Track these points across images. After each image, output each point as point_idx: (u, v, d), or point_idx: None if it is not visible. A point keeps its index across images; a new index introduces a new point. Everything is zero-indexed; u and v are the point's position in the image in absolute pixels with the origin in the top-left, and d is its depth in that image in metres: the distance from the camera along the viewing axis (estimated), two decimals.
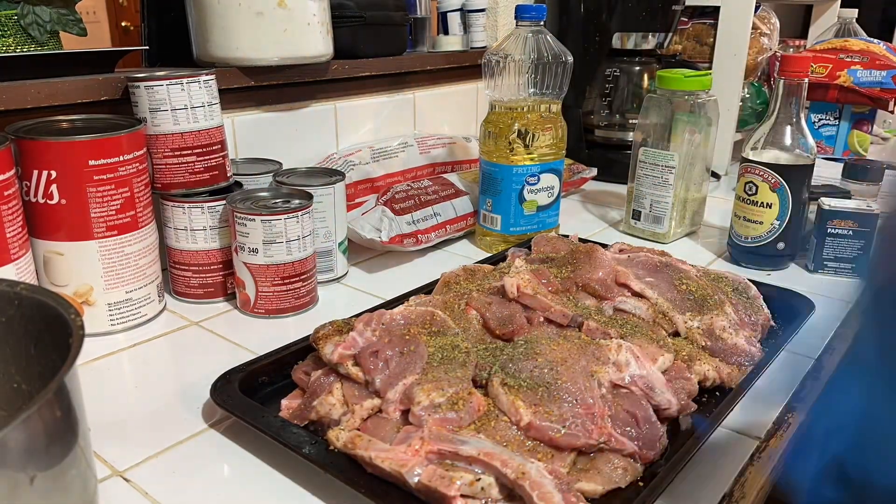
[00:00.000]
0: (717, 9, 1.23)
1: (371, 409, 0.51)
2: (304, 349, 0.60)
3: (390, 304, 0.69)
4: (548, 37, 0.88)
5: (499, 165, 0.90)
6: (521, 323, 0.60)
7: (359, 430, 0.49)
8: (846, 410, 0.28)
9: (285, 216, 0.70)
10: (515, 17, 0.88)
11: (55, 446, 0.34)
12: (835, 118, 1.46)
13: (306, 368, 0.57)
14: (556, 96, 0.90)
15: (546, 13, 0.88)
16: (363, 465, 0.45)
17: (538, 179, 0.90)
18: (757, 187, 0.85)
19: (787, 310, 0.71)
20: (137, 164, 0.67)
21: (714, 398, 0.57)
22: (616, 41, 1.21)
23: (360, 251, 0.87)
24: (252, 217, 0.70)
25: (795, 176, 0.83)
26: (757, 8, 1.39)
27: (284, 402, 0.55)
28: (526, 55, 0.86)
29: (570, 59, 0.88)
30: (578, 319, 0.60)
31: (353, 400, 0.51)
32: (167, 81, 0.70)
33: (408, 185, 0.93)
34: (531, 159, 0.89)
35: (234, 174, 0.80)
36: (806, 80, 0.81)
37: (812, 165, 0.84)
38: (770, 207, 0.84)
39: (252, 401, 0.53)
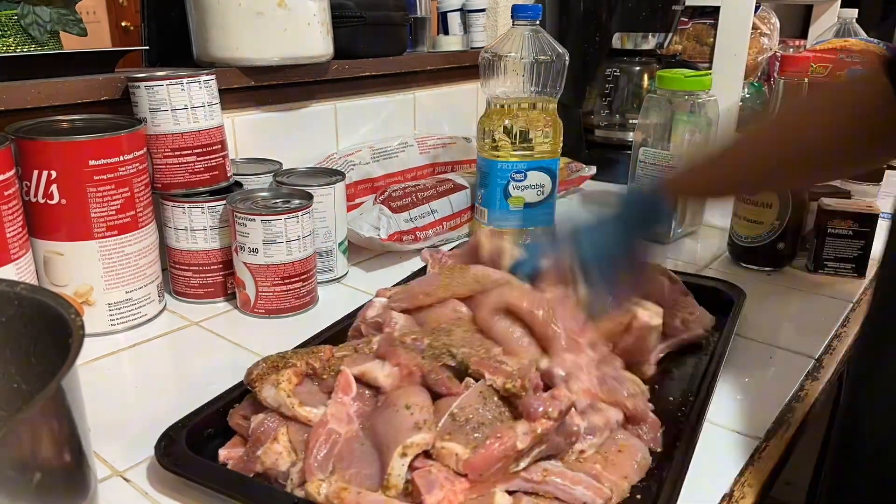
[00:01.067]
0: (717, 9, 1.23)
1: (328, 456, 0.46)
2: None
3: None
4: (544, 36, 0.88)
5: (486, 160, 0.91)
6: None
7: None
8: None
9: (285, 216, 0.70)
10: (512, 16, 0.88)
11: (55, 446, 0.34)
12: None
13: (244, 412, 0.51)
14: (551, 95, 0.90)
15: (542, 12, 0.89)
16: None
17: (525, 176, 0.90)
18: None
19: (721, 300, 0.72)
20: (137, 164, 0.67)
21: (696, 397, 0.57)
22: (616, 41, 1.21)
23: (359, 251, 0.87)
24: (252, 217, 0.70)
25: None
26: (757, 8, 1.39)
27: (223, 453, 0.49)
28: (521, 54, 0.87)
29: (567, 58, 0.88)
30: None
31: (302, 447, 0.46)
32: (167, 81, 0.70)
33: (405, 185, 0.93)
34: (520, 156, 0.89)
35: (234, 174, 0.80)
36: (806, 80, 0.81)
37: None
38: (770, 207, 0.84)
39: (206, 460, 0.48)
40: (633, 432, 0.52)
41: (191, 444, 0.48)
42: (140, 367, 0.65)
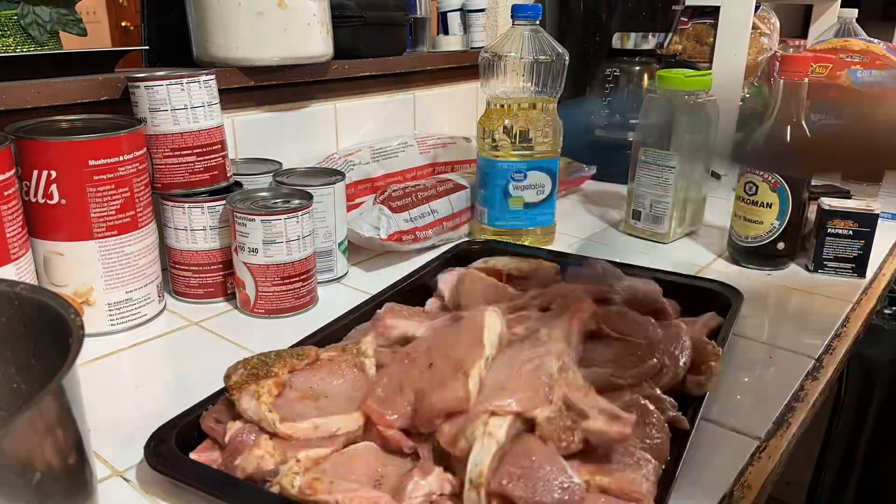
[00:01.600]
0: (717, 9, 1.23)
1: (317, 459, 0.46)
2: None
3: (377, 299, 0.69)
4: (544, 36, 0.88)
5: (486, 160, 0.91)
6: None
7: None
8: None
9: (285, 216, 0.70)
10: (511, 16, 0.88)
11: (55, 446, 0.34)
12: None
13: (218, 416, 0.50)
14: (551, 95, 0.90)
15: (542, 12, 0.89)
16: None
17: (525, 176, 0.90)
18: (757, 187, 0.85)
19: (718, 301, 0.70)
20: (137, 164, 0.67)
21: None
22: (616, 41, 1.21)
23: (359, 251, 0.88)
24: (252, 217, 0.70)
25: (796, 176, 0.83)
26: (757, 8, 1.39)
27: (193, 456, 0.48)
28: (521, 54, 0.87)
29: (567, 58, 0.89)
30: None
31: (292, 451, 0.45)
32: (167, 81, 0.70)
33: (405, 185, 0.93)
34: (520, 156, 0.90)
35: (234, 174, 0.80)
36: (806, 80, 0.81)
37: None
38: (770, 207, 0.84)
39: (195, 461, 0.48)
40: None
41: (180, 445, 0.48)
42: (140, 367, 0.65)
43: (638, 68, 1.24)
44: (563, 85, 0.90)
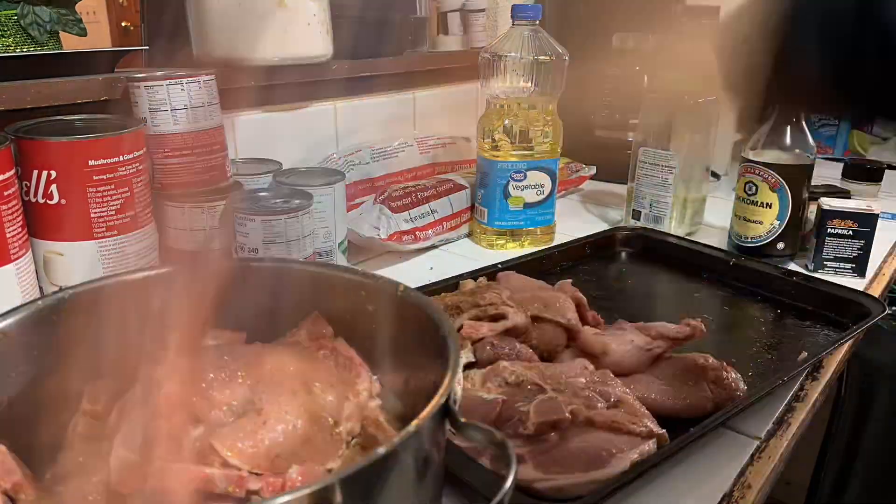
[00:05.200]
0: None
1: None
2: None
3: None
4: (544, 35, 0.88)
5: (486, 160, 0.91)
6: None
7: None
8: None
9: (285, 216, 0.70)
10: (511, 16, 0.88)
11: None
12: (835, 118, 1.46)
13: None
14: (551, 95, 0.90)
15: (542, 12, 0.89)
16: None
17: (525, 176, 0.90)
18: (757, 187, 0.85)
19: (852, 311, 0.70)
20: (137, 164, 0.67)
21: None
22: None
23: (359, 251, 0.87)
24: (252, 217, 0.70)
25: (795, 176, 0.83)
26: None
27: None
28: (521, 54, 0.87)
29: (567, 58, 0.89)
30: None
31: None
32: (167, 81, 0.70)
33: (405, 185, 0.93)
34: (520, 156, 0.90)
35: (234, 174, 0.80)
36: None
37: (812, 165, 0.84)
38: (770, 207, 0.84)
39: None
40: None
41: None
42: None
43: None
44: (563, 85, 0.90)
